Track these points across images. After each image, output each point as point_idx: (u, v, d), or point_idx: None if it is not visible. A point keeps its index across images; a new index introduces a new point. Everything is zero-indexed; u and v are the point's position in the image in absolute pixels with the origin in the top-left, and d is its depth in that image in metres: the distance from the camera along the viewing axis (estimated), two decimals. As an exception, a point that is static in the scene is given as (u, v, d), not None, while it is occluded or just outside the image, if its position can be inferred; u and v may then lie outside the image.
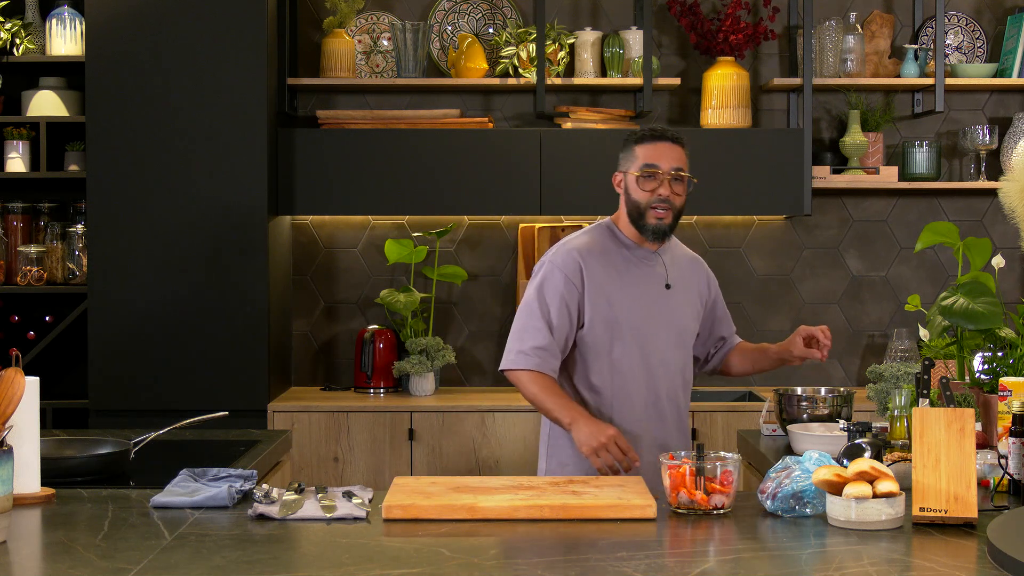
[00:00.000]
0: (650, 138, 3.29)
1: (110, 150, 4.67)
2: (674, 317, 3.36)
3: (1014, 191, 3.33)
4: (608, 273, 3.31)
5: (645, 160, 3.27)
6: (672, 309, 3.36)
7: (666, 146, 3.28)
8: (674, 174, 3.26)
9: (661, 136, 3.29)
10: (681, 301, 3.38)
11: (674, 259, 3.42)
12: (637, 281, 3.33)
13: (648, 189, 3.26)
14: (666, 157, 3.27)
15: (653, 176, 3.25)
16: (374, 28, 5.19)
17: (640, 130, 3.34)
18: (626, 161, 3.34)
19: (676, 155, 3.28)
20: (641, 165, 3.28)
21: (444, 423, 4.66)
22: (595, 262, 3.31)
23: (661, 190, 3.25)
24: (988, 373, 3.22)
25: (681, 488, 2.59)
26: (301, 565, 2.26)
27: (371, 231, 5.19)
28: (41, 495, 2.72)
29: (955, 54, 5.21)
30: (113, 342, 4.67)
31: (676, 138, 3.30)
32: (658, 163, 3.26)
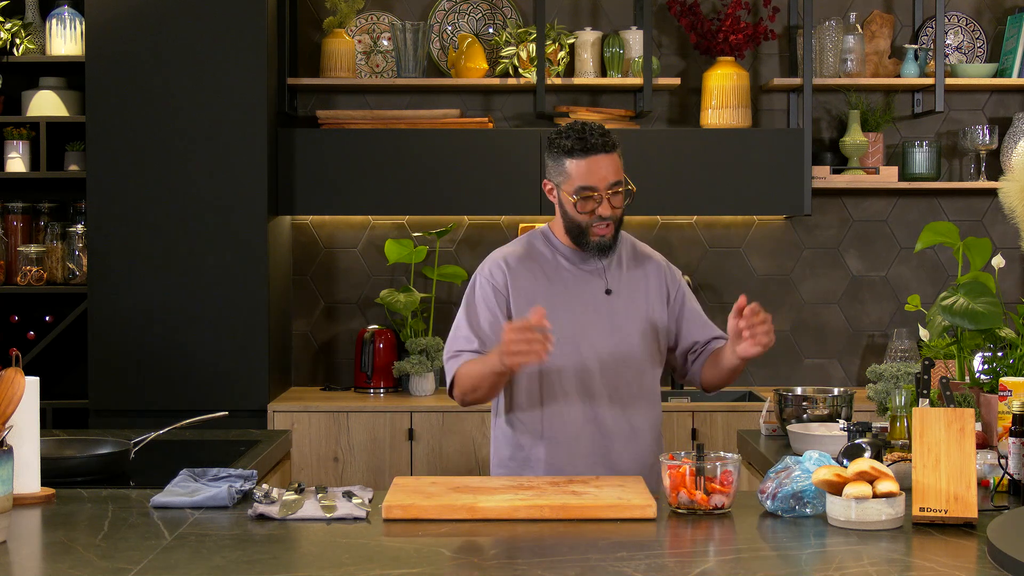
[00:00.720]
0: (580, 152, 3.03)
1: (110, 150, 4.67)
2: (616, 324, 3.12)
3: (1014, 191, 3.33)
4: (537, 281, 3.13)
5: (580, 182, 3.03)
6: (613, 316, 3.13)
7: (600, 160, 3.03)
8: (612, 191, 3.04)
9: (591, 148, 3.02)
10: (626, 306, 3.15)
11: (621, 262, 3.19)
12: (570, 289, 3.13)
13: (586, 211, 3.04)
14: (601, 174, 3.03)
15: (590, 199, 3.03)
16: (374, 28, 5.19)
17: (566, 135, 3.06)
18: (556, 172, 3.08)
19: (611, 166, 3.04)
20: (576, 187, 3.03)
21: (444, 423, 4.66)
22: (523, 270, 3.13)
23: (601, 210, 3.04)
24: (988, 373, 3.22)
25: (681, 488, 2.59)
26: (301, 565, 2.26)
27: (371, 231, 5.19)
28: (41, 495, 2.72)
29: (955, 54, 5.21)
30: (113, 342, 4.67)
31: (607, 144, 3.04)
32: (594, 184, 3.02)
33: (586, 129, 3.06)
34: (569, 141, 3.05)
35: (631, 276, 3.18)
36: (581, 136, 3.04)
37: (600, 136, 3.05)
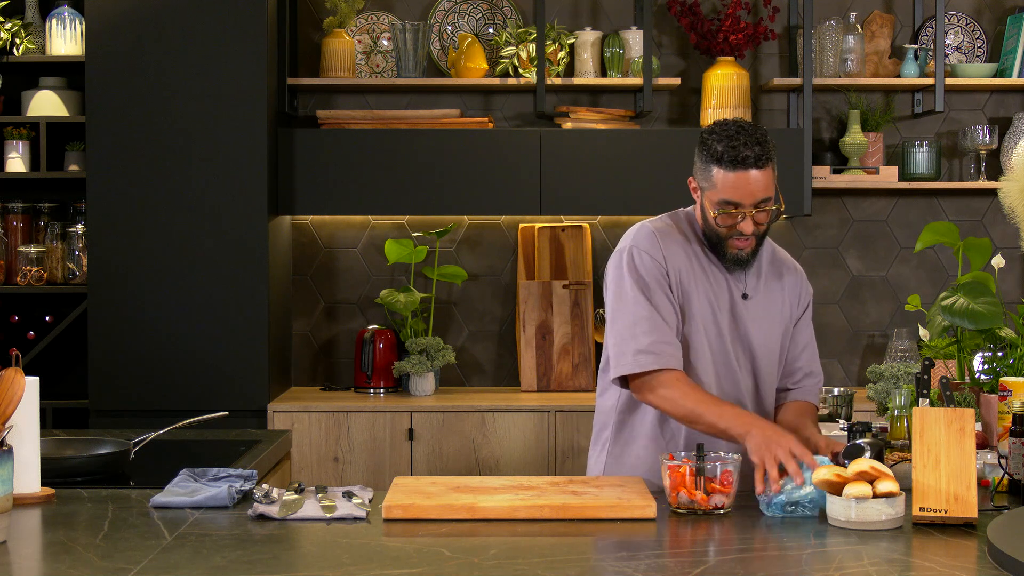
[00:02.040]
0: (730, 164, 2.77)
1: (110, 150, 4.67)
2: (748, 332, 2.94)
3: (1014, 191, 3.33)
4: (687, 260, 2.90)
5: (724, 195, 2.80)
6: (747, 324, 2.93)
7: (751, 176, 2.77)
8: (758, 208, 2.82)
9: (742, 162, 2.76)
10: (759, 316, 2.95)
11: (760, 266, 2.98)
12: (711, 283, 2.91)
13: (727, 225, 2.83)
14: (748, 190, 2.78)
15: (732, 214, 2.82)
16: (374, 28, 5.19)
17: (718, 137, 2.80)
18: (703, 176, 2.84)
19: (762, 182, 2.78)
20: (720, 201, 2.81)
21: (444, 423, 4.66)
22: (675, 247, 2.89)
23: (743, 226, 2.82)
24: (988, 373, 3.22)
25: (681, 488, 2.59)
26: (301, 565, 2.26)
27: (371, 231, 5.19)
28: (41, 495, 2.72)
29: (955, 54, 5.21)
30: (113, 342, 4.67)
31: (761, 159, 2.77)
32: (740, 200, 2.80)
33: (740, 136, 2.78)
34: (720, 146, 2.79)
35: (769, 285, 2.99)
36: (734, 144, 2.77)
37: (755, 147, 2.78)
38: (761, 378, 2.98)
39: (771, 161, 2.80)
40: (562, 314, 5.03)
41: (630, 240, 2.92)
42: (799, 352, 3.04)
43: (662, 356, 2.80)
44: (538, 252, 5.09)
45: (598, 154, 4.86)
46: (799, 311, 3.04)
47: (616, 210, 4.93)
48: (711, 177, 2.81)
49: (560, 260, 5.10)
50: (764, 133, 2.82)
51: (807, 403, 3.05)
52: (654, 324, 2.82)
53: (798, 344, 3.04)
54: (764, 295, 2.97)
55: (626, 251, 2.90)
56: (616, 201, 4.89)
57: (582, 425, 4.64)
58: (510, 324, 5.21)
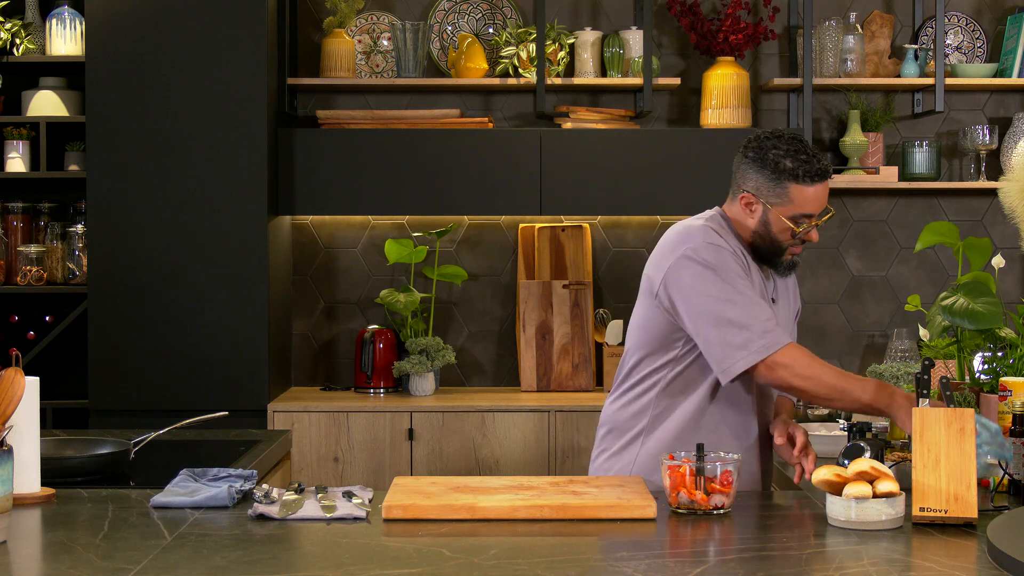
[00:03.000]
0: (809, 178, 2.82)
1: (110, 150, 4.67)
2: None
3: (1014, 191, 3.32)
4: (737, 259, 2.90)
5: (802, 209, 2.85)
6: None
7: (825, 187, 2.86)
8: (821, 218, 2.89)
9: (822, 175, 2.84)
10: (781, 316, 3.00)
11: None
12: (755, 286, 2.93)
13: (795, 236, 2.89)
14: (821, 200, 2.86)
15: (806, 225, 2.88)
16: (374, 28, 5.19)
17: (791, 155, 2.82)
18: (773, 193, 2.86)
19: (826, 192, 2.88)
20: (796, 215, 2.85)
21: (444, 423, 4.66)
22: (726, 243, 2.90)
23: (812, 235, 2.90)
24: (988, 373, 3.22)
25: (681, 488, 2.59)
26: (301, 565, 2.26)
27: (371, 231, 5.19)
28: (41, 495, 2.72)
29: (955, 54, 5.21)
30: (113, 342, 4.67)
31: (829, 169, 2.87)
32: (813, 211, 2.86)
33: (807, 150, 2.84)
34: (791, 162, 2.83)
35: (780, 289, 3.05)
36: (809, 161, 2.83)
37: (823, 159, 2.87)
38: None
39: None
40: (562, 314, 5.03)
41: (696, 240, 2.87)
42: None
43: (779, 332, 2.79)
44: (538, 252, 5.09)
45: (598, 154, 4.86)
46: (799, 304, 3.16)
47: (616, 210, 4.93)
48: (786, 193, 2.84)
49: (560, 260, 5.10)
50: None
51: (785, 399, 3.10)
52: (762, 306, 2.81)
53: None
54: (782, 298, 3.06)
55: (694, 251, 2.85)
56: (616, 201, 4.89)
57: (582, 425, 4.64)
58: (510, 324, 5.21)
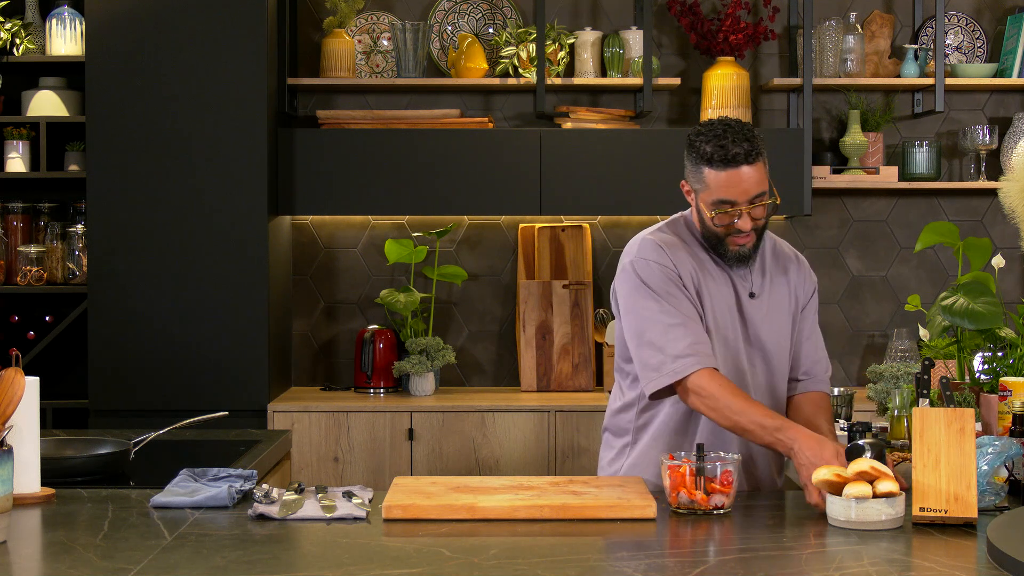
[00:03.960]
0: (721, 163, 2.77)
1: (110, 150, 4.67)
2: (759, 332, 2.93)
3: (1014, 191, 3.32)
4: (693, 263, 2.88)
5: (719, 195, 2.79)
6: (757, 322, 2.93)
7: (743, 173, 2.77)
8: (751, 206, 2.81)
9: (732, 160, 2.76)
10: (768, 314, 2.94)
11: (764, 263, 2.98)
12: (719, 282, 2.91)
13: (723, 224, 2.83)
14: (742, 187, 2.78)
15: (728, 212, 2.81)
16: (374, 28, 5.19)
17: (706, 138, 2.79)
18: (694, 179, 2.84)
19: (754, 178, 2.78)
20: (715, 201, 2.80)
21: (444, 423, 4.66)
22: (680, 254, 2.88)
23: (740, 224, 2.81)
24: (988, 373, 3.22)
25: (681, 488, 2.59)
26: (301, 565, 2.26)
27: (371, 231, 5.19)
28: (41, 495, 2.72)
29: (955, 54, 5.22)
30: (113, 342, 4.67)
31: (751, 154, 2.77)
32: (734, 198, 2.79)
33: (728, 135, 2.78)
34: (709, 147, 2.78)
35: (775, 281, 2.98)
36: (722, 144, 2.77)
37: (744, 143, 2.77)
38: (774, 375, 2.97)
39: (761, 156, 2.80)
40: (562, 314, 5.03)
41: (634, 253, 2.90)
42: (804, 341, 3.02)
43: (695, 358, 2.77)
44: (538, 252, 5.09)
45: (598, 154, 4.86)
46: (806, 298, 3.03)
47: (616, 210, 4.93)
48: (703, 178, 2.81)
49: (560, 260, 5.10)
50: (751, 128, 2.82)
51: (820, 394, 3.03)
52: (685, 329, 2.80)
53: (803, 333, 3.02)
54: (771, 292, 2.97)
55: (632, 265, 2.88)
56: (616, 201, 4.89)
57: (582, 425, 4.64)
58: (510, 324, 5.21)
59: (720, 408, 2.73)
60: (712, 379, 2.75)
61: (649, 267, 2.85)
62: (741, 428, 2.72)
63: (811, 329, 3.04)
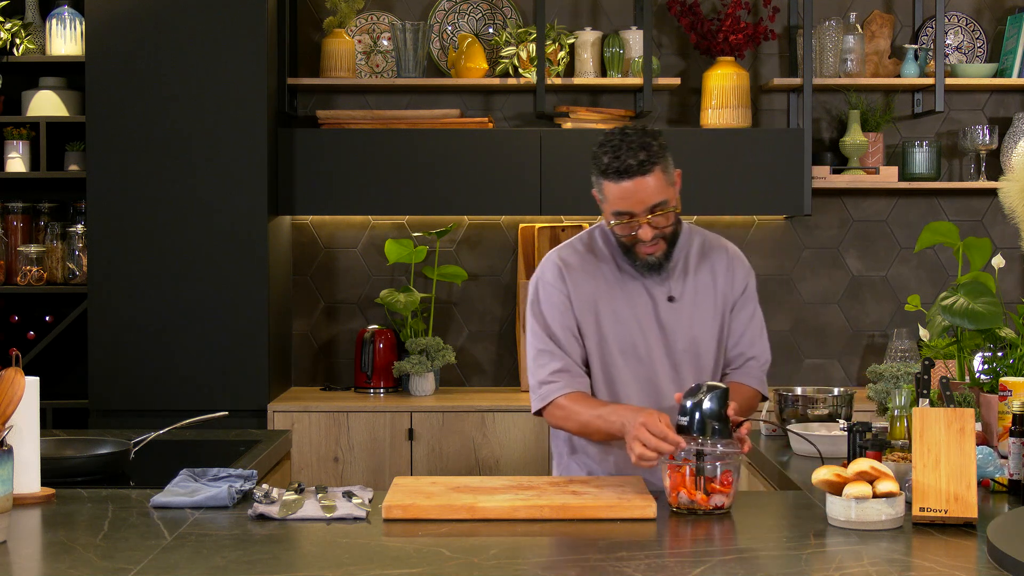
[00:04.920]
0: (615, 174, 2.77)
1: (110, 150, 4.67)
2: (680, 334, 2.93)
3: (1014, 191, 3.33)
4: (596, 284, 2.93)
5: (616, 206, 2.81)
6: (678, 325, 2.93)
7: (635, 184, 2.76)
8: (651, 215, 2.80)
9: (626, 172, 2.75)
10: (691, 313, 2.94)
11: (688, 263, 2.97)
12: (631, 294, 2.92)
13: (626, 234, 2.84)
14: (638, 198, 2.78)
15: (628, 224, 2.82)
16: (374, 28, 5.19)
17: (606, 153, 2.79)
18: (597, 189, 2.86)
19: (650, 189, 2.77)
20: (613, 212, 2.82)
21: (444, 423, 4.66)
22: (580, 272, 2.93)
23: (641, 234, 2.82)
24: (988, 373, 3.22)
25: (681, 488, 2.59)
26: (301, 565, 2.26)
27: (371, 231, 5.19)
28: (41, 495, 2.72)
29: (955, 54, 5.22)
30: (113, 342, 4.67)
31: (646, 165, 2.76)
32: (631, 210, 2.80)
33: (623, 145, 2.77)
34: (606, 158, 2.79)
35: (699, 279, 2.96)
36: (617, 155, 2.77)
37: (640, 152, 2.76)
38: (702, 375, 2.96)
39: (658, 164, 2.78)
40: (562, 314, 5.02)
41: (538, 273, 2.98)
42: (739, 337, 3.00)
43: (559, 383, 2.88)
44: (538, 252, 5.09)
45: (598, 154, 4.86)
46: (735, 294, 3.00)
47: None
48: (603, 190, 2.83)
49: (560, 260, 5.09)
50: (650, 137, 2.80)
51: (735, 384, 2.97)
52: (553, 355, 2.90)
53: (736, 328, 3.00)
54: (693, 292, 2.95)
55: (532, 284, 2.97)
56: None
57: (582, 425, 4.63)
58: (510, 324, 5.21)
59: (570, 416, 2.86)
60: (572, 399, 2.87)
61: (543, 289, 2.95)
62: (584, 424, 2.84)
63: (746, 323, 3.01)
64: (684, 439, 2.61)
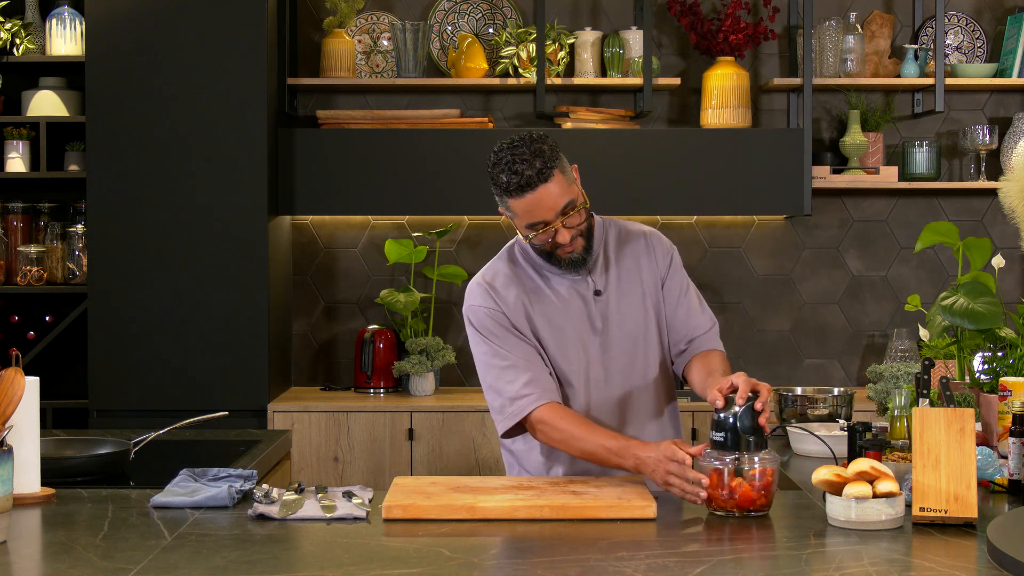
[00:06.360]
0: (517, 190, 2.76)
1: (110, 150, 4.67)
2: (614, 326, 2.93)
3: (1014, 191, 3.33)
4: (524, 296, 2.93)
5: (526, 219, 2.80)
6: (609, 320, 2.93)
7: (540, 193, 2.76)
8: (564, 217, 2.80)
9: (528, 184, 2.75)
10: (619, 302, 2.94)
11: (608, 255, 2.98)
12: (555, 299, 2.93)
13: (541, 241, 2.84)
14: (546, 206, 2.77)
15: (544, 231, 2.82)
16: (374, 28, 5.19)
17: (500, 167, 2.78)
18: (503, 207, 2.84)
19: (555, 193, 2.77)
20: (524, 224, 2.82)
21: (444, 423, 4.66)
22: (507, 292, 2.94)
23: (560, 237, 2.82)
24: (988, 373, 3.22)
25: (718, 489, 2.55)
26: (301, 565, 2.26)
27: (371, 231, 5.19)
28: (41, 495, 2.72)
29: (955, 54, 5.22)
30: (113, 342, 4.67)
31: (544, 171, 2.75)
32: (543, 218, 2.79)
33: (516, 159, 2.76)
34: (504, 176, 2.78)
35: (622, 266, 2.98)
36: (513, 170, 2.76)
37: (534, 161, 2.76)
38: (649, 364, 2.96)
39: (555, 168, 2.77)
40: (562, 314, 5.02)
41: (466, 301, 2.98)
42: (675, 312, 2.98)
43: (532, 396, 2.85)
44: (538, 252, 5.09)
45: (598, 154, 4.86)
46: (663, 271, 2.99)
47: (616, 210, 4.93)
48: (509, 207, 2.82)
49: (560, 260, 5.09)
50: (539, 143, 2.79)
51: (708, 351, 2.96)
52: (517, 370, 2.87)
53: (671, 305, 2.98)
54: (618, 281, 2.96)
55: (465, 314, 2.97)
56: (616, 201, 4.89)
57: (582, 425, 4.63)
58: (510, 324, 5.20)
59: (566, 440, 2.81)
60: (554, 412, 2.83)
61: (477, 313, 2.94)
62: (589, 454, 2.79)
63: (678, 298, 2.99)
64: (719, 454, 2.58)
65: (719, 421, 2.59)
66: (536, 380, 2.87)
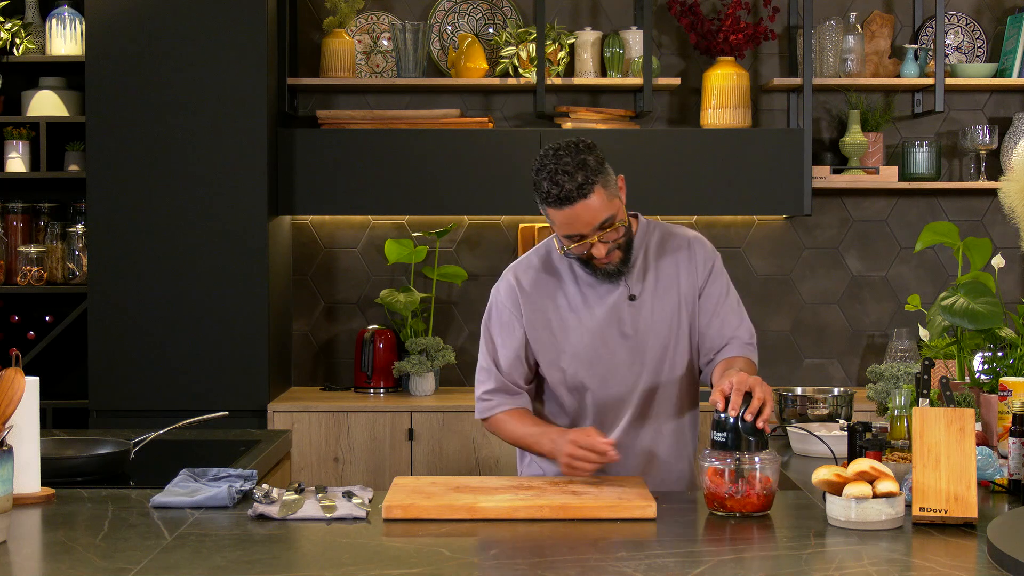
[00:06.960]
0: (556, 202, 2.72)
1: (110, 150, 4.67)
2: (645, 332, 2.90)
3: (1014, 191, 3.33)
4: (551, 299, 2.92)
5: (563, 231, 2.78)
6: (641, 322, 2.90)
7: (578, 209, 2.72)
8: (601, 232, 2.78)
9: (566, 199, 2.71)
10: (652, 308, 2.90)
11: (647, 259, 2.93)
12: (589, 301, 2.91)
13: (577, 252, 2.82)
14: (584, 222, 2.74)
15: (579, 244, 2.79)
16: (374, 28, 5.19)
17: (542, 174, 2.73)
18: (543, 212, 2.80)
19: (594, 209, 2.73)
20: (563, 235, 2.80)
21: (444, 423, 4.66)
22: (537, 285, 2.93)
23: (594, 252, 2.79)
24: (988, 373, 3.22)
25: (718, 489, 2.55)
26: (301, 565, 2.26)
27: (371, 231, 5.19)
28: (41, 495, 2.72)
29: (955, 54, 5.22)
30: (113, 342, 4.67)
31: (584, 188, 2.71)
32: (577, 232, 2.76)
33: (558, 169, 2.71)
34: (545, 184, 2.73)
35: (661, 273, 2.92)
36: (555, 181, 2.71)
37: (576, 175, 2.72)
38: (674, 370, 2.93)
39: (597, 182, 2.73)
40: (562, 314, 5.02)
41: (495, 289, 3.02)
42: (709, 322, 2.92)
43: (492, 402, 2.98)
44: (538, 252, 5.09)
45: (598, 154, 4.86)
46: (702, 279, 2.93)
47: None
48: (548, 215, 2.79)
49: (560, 260, 5.10)
50: (584, 153, 2.75)
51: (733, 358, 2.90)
52: (490, 375, 2.99)
53: (706, 315, 2.92)
54: (655, 287, 2.91)
55: (491, 300, 3.02)
56: (616, 201, 4.88)
57: (582, 425, 4.64)
58: (510, 324, 5.20)
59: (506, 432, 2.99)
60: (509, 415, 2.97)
61: (496, 308, 3.00)
62: (520, 440, 2.95)
63: (715, 307, 2.93)
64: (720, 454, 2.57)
65: (719, 422, 2.59)
66: (502, 390, 2.97)
